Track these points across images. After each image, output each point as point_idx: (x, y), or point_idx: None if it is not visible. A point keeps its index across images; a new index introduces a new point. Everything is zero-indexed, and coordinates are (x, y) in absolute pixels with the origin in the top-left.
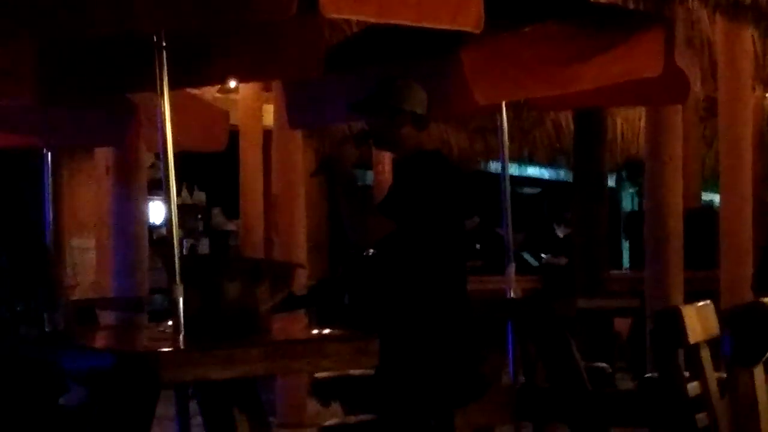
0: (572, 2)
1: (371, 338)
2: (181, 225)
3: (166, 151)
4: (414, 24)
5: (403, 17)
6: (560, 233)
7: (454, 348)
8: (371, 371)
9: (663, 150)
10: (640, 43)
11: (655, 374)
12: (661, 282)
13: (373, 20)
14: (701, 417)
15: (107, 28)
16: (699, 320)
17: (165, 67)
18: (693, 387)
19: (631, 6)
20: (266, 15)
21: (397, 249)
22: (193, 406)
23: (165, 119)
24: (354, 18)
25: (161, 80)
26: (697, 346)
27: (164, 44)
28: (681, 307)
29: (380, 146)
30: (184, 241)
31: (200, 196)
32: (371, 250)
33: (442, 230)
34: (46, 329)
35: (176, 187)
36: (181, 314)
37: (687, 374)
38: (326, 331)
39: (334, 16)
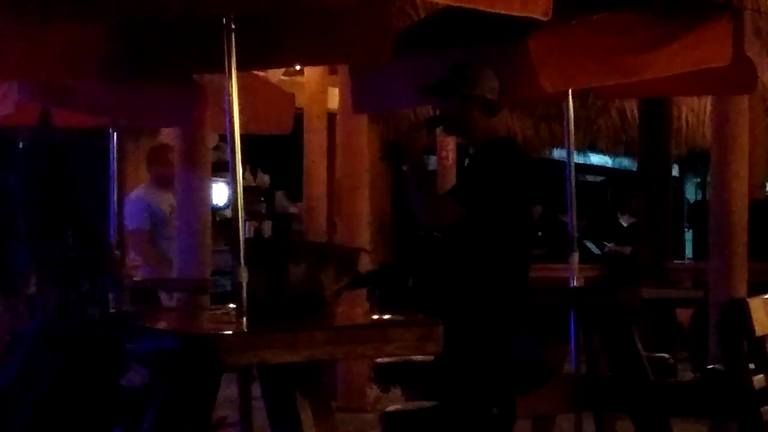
0: None
1: (436, 324)
2: (244, 207)
3: (233, 134)
4: (484, 9)
5: (473, 2)
6: (624, 222)
7: (517, 335)
8: (432, 357)
9: (729, 140)
10: (709, 32)
11: (719, 366)
12: (725, 273)
13: (446, 2)
14: (766, 410)
15: (178, 9)
16: (765, 313)
17: (233, 49)
18: (758, 380)
19: None
20: None
21: (467, 235)
22: (255, 388)
23: (232, 101)
24: (427, 0)
25: (229, 62)
26: (763, 338)
27: (233, 26)
28: (748, 300)
29: (451, 132)
30: (247, 223)
31: (264, 179)
32: (437, 235)
33: (512, 218)
34: (111, 310)
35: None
36: (245, 297)
37: (752, 366)
38: (389, 315)
39: None
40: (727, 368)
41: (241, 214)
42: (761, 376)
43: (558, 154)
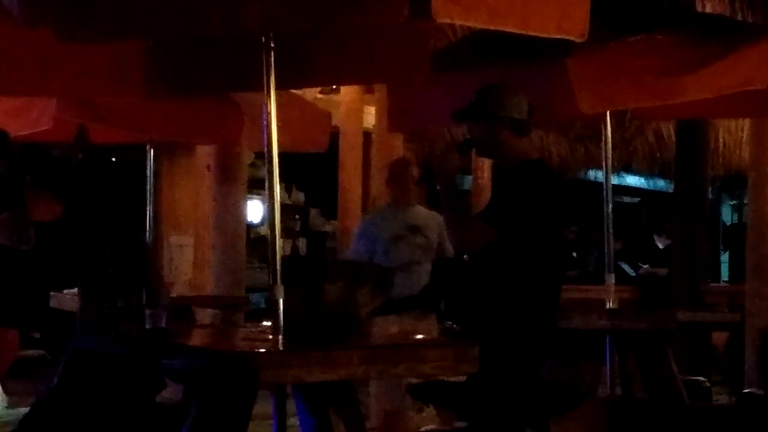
0: (679, 13)
1: (471, 344)
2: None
3: (271, 152)
4: (520, 31)
5: (510, 24)
6: (660, 244)
7: (550, 357)
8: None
9: (767, 163)
10: (748, 54)
11: (755, 389)
12: (762, 296)
13: (481, 26)
14: None
15: (218, 28)
16: None
17: (272, 68)
18: None
19: (739, 17)
20: (377, 18)
21: (499, 256)
22: (290, 405)
23: (270, 119)
24: (464, 24)
25: (268, 80)
26: None
27: (272, 45)
28: None
29: (484, 154)
30: (282, 241)
31: (298, 196)
32: (467, 257)
33: (543, 240)
34: (147, 326)
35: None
36: (281, 315)
37: None
38: (423, 335)
39: (445, 21)
40: (766, 392)
41: (278, 231)
42: None
43: (593, 174)
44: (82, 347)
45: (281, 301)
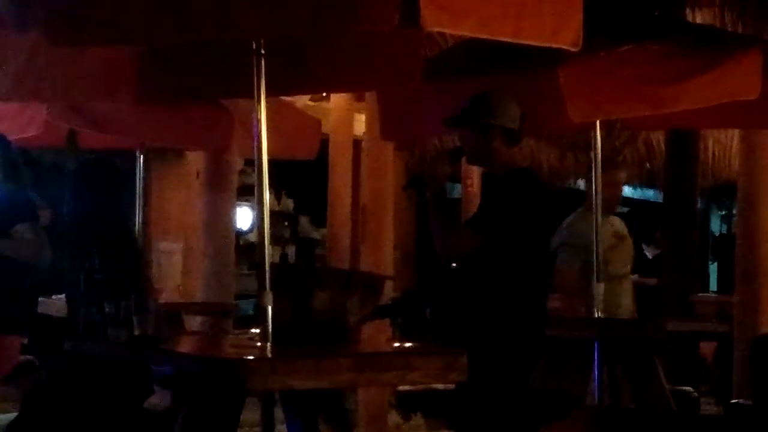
0: (670, 23)
1: (460, 353)
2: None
3: (261, 158)
4: (513, 40)
5: (502, 33)
6: (649, 254)
7: (536, 365)
8: (453, 386)
9: (756, 173)
10: (738, 65)
11: (743, 400)
12: (751, 307)
13: (472, 35)
14: None
15: (210, 34)
16: None
17: (263, 75)
18: None
19: (729, 28)
20: (368, 26)
21: (485, 264)
22: (278, 413)
23: (261, 126)
24: (454, 32)
25: (259, 87)
26: None
27: (263, 52)
28: None
29: (474, 162)
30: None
31: (288, 203)
32: (455, 264)
33: (530, 248)
34: (135, 332)
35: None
36: (270, 322)
37: None
38: (410, 343)
39: (435, 29)
40: (755, 402)
41: (267, 238)
42: None
43: (582, 184)
44: (71, 352)
45: (270, 308)
